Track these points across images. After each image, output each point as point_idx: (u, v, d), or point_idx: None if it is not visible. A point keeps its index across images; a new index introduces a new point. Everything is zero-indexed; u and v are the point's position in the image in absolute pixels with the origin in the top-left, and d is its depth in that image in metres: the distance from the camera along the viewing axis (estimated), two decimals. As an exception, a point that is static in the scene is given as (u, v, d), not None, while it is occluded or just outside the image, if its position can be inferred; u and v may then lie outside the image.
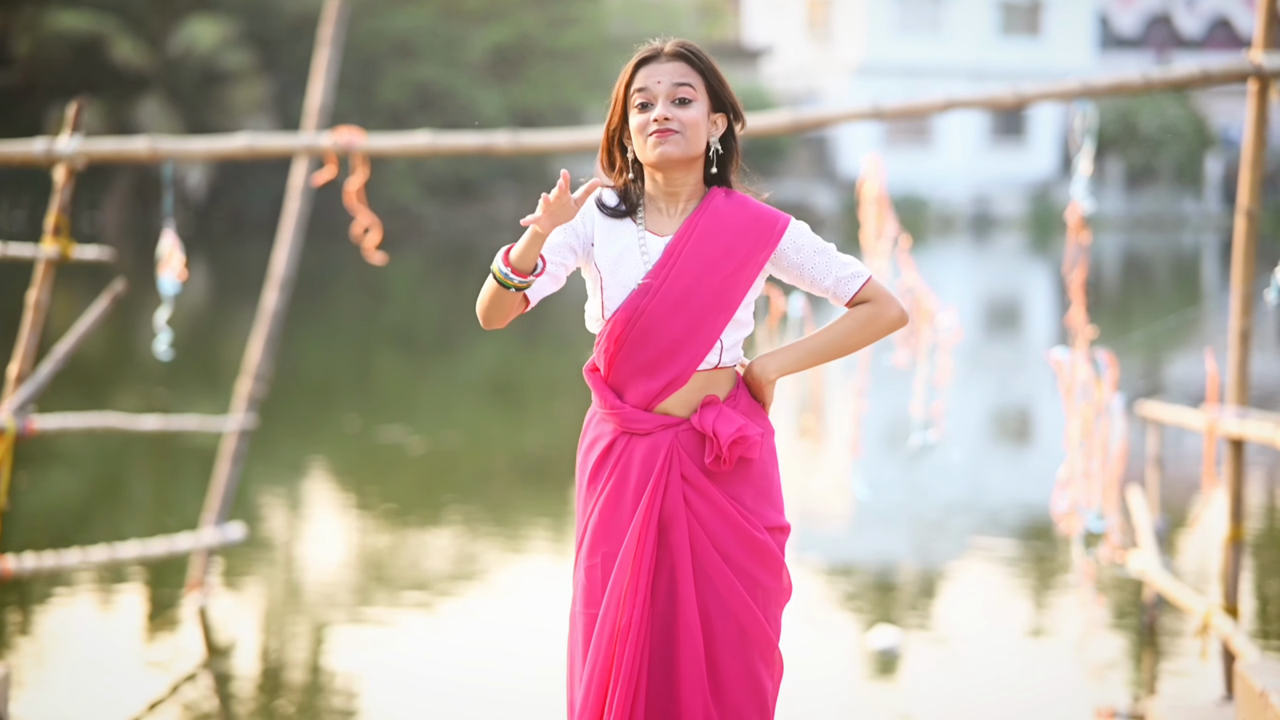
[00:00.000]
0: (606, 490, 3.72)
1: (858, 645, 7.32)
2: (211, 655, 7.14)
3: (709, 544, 3.68)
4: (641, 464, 3.69)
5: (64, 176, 6.88)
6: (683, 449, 3.70)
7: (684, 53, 3.75)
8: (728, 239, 3.71)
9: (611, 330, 3.70)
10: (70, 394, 12.68)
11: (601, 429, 3.76)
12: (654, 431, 3.70)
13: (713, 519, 3.69)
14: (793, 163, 45.97)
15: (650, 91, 3.71)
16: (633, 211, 3.76)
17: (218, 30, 36.90)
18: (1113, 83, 6.23)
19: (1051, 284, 28.47)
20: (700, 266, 3.68)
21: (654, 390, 3.70)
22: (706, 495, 3.69)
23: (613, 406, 3.72)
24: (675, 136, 3.67)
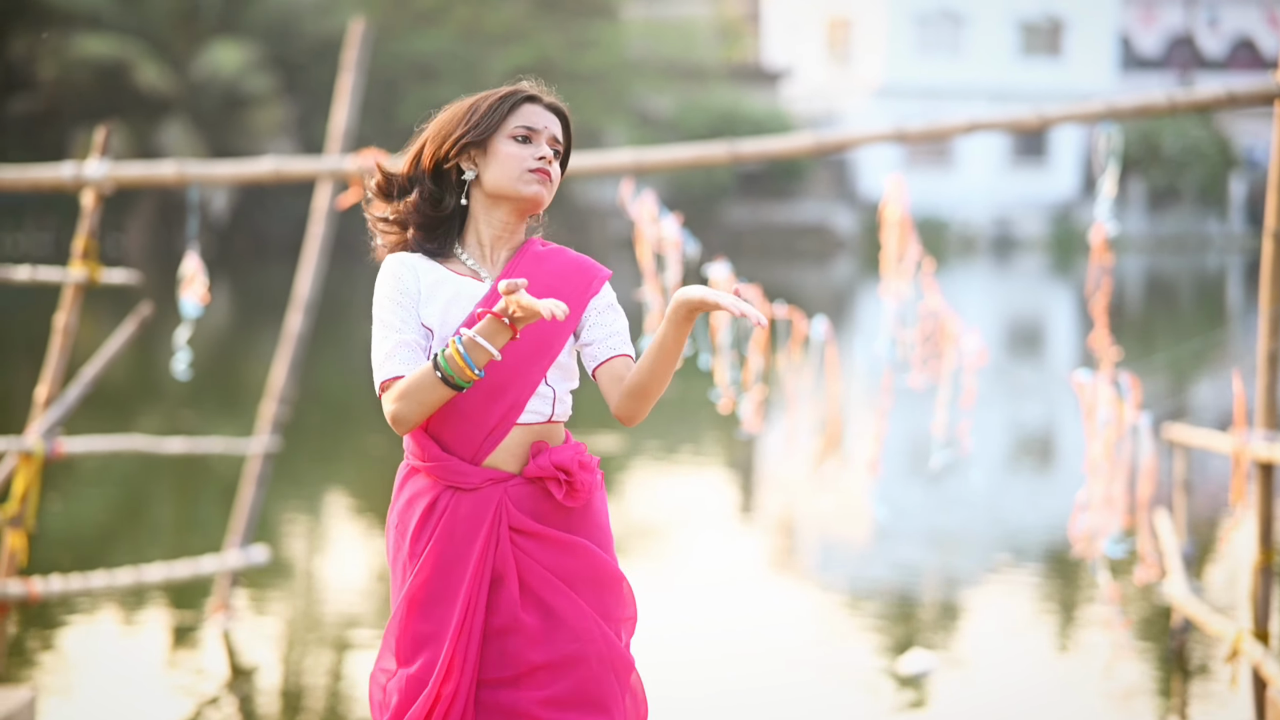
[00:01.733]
0: (428, 552, 3.53)
1: (879, 668, 7.29)
2: (235, 677, 7.14)
3: (549, 577, 3.53)
4: (468, 521, 3.52)
5: (92, 201, 6.90)
6: (512, 503, 3.53)
7: (564, 115, 3.70)
8: (549, 280, 3.59)
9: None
10: (94, 416, 12.70)
11: (419, 485, 3.58)
12: (481, 486, 3.53)
13: (551, 559, 3.54)
14: (812, 184, 45.96)
15: (536, 131, 3.62)
16: (443, 256, 3.63)
17: (240, 54, 37.03)
18: (1138, 104, 6.22)
19: (1073, 306, 28.42)
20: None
21: (478, 439, 3.53)
22: (543, 539, 3.54)
23: (434, 458, 3.54)
24: (550, 183, 3.62)
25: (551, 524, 3.56)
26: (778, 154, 6.77)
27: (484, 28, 41.12)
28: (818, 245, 44.16)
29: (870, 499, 9.16)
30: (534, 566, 3.53)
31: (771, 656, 7.54)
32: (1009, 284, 35.88)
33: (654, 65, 43.69)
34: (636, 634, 3.73)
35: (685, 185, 39.76)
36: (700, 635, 7.91)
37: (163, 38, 37.81)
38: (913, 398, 9.05)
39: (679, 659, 7.38)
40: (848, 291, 32.43)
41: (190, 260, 7.23)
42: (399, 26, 39.45)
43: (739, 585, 9.04)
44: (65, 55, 36.90)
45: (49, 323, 6.94)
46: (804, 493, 11.73)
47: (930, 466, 7.78)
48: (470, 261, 3.63)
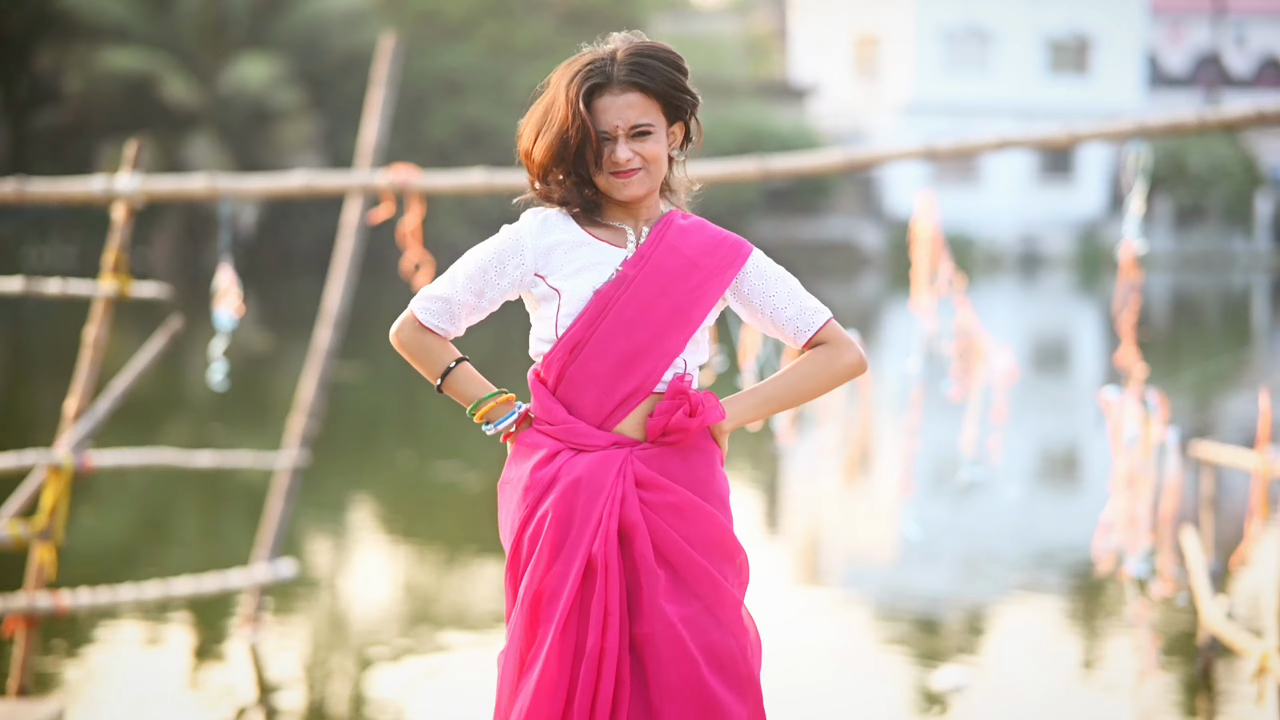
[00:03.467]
0: (546, 507, 3.52)
1: (905, 684, 7.28)
2: (263, 692, 7.15)
3: (679, 542, 3.54)
4: (591, 476, 3.52)
5: (123, 215, 6.93)
6: (640, 461, 3.55)
7: (637, 81, 3.58)
8: (691, 254, 3.62)
9: (567, 340, 3.56)
10: (121, 430, 12.73)
11: (535, 440, 3.60)
12: (606, 448, 3.55)
13: (678, 519, 3.55)
14: (839, 200, 45.95)
15: (608, 132, 3.57)
16: (588, 217, 3.65)
17: (268, 68, 37.15)
18: (1168, 122, 6.21)
19: (1100, 323, 28.36)
20: (663, 280, 3.58)
21: (609, 406, 3.56)
22: (669, 494, 3.55)
23: (560, 421, 3.56)
24: (639, 174, 3.58)
25: (680, 482, 3.58)
26: (809, 170, 6.78)
27: (512, 43, 41.22)
28: (844, 262, 44.13)
29: (900, 517, 9.14)
30: (659, 523, 3.54)
31: (798, 672, 7.52)
32: (1035, 301, 35.81)
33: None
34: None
35: (711, 201, 39.53)
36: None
37: (190, 51, 37.96)
38: (941, 415, 9.04)
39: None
40: (874, 308, 32.39)
41: (224, 273, 7.24)
42: (427, 41, 39.56)
43: (766, 601, 9.04)
44: (92, 68, 37.06)
45: (76, 336, 6.97)
46: (832, 508, 11.71)
47: (958, 483, 7.77)
48: (605, 229, 3.65)
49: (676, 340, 3.57)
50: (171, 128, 36.83)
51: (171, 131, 36.69)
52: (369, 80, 8.31)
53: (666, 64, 3.63)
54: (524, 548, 3.57)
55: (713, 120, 43.57)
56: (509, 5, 41.97)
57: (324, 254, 30.69)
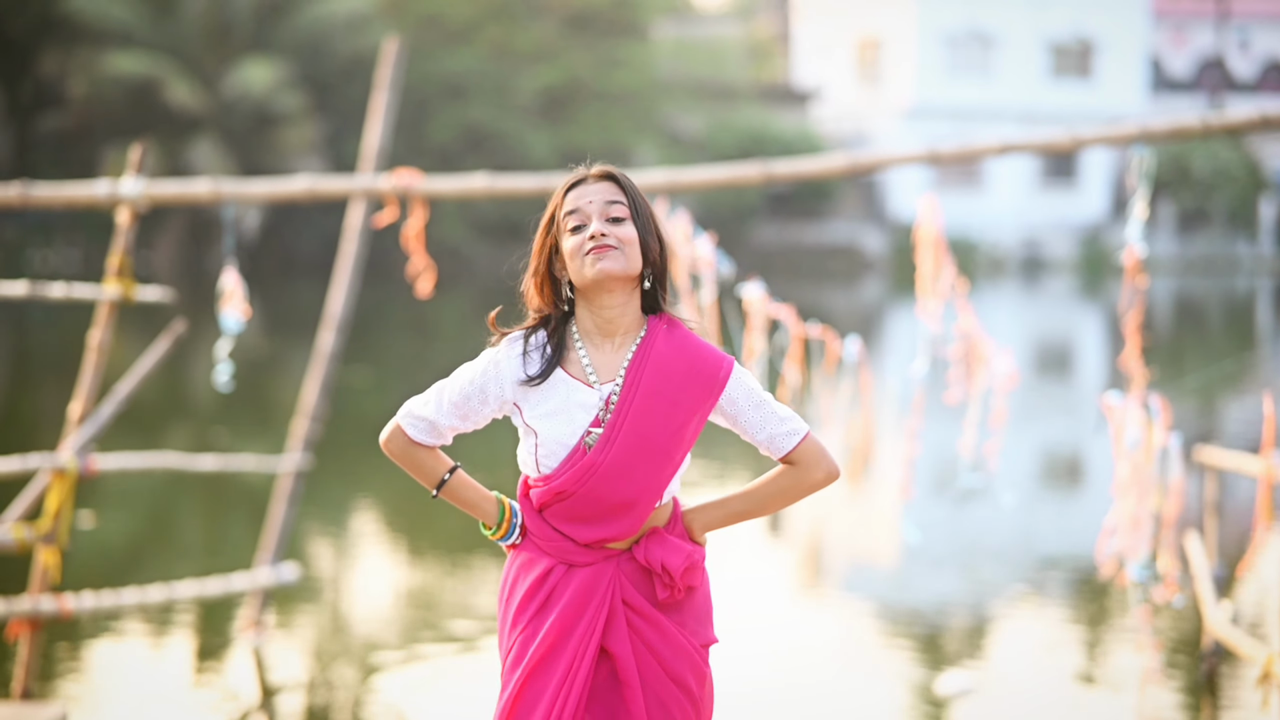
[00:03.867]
0: (546, 619, 3.61)
1: (907, 689, 7.28)
2: (266, 695, 7.15)
3: (659, 669, 3.61)
4: (582, 592, 3.60)
5: (127, 218, 6.94)
6: (625, 578, 3.62)
7: (612, 174, 3.64)
8: (672, 392, 3.60)
9: (554, 492, 3.60)
10: (123, 433, 12.74)
11: (530, 557, 3.67)
12: (595, 563, 3.62)
13: (660, 644, 3.62)
14: (841, 204, 45.96)
15: (583, 212, 3.60)
16: (560, 359, 3.65)
17: (271, 72, 37.17)
18: (1171, 126, 6.22)
19: (1102, 327, 28.36)
20: (647, 429, 3.57)
21: (596, 538, 3.61)
22: (652, 621, 3.62)
23: (549, 539, 3.64)
24: (614, 252, 3.56)
25: (659, 606, 3.66)
26: (812, 174, 6.78)
27: (514, 47, 41.24)
28: (846, 266, 44.15)
29: (901, 521, 9.14)
30: (639, 645, 3.62)
31: (800, 677, 7.52)
32: (1038, 305, 35.81)
33: (684, 85, 43.77)
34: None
35: (714, 205, 39.77)
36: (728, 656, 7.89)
37: (193, 55, 37.99)
38: (943, 418, 9.04)
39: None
40: (877, 312, 32.40)
41: (229, 276, 7.25)
42: (429, 45, 39.57)
43: (768, 605, 9.03)
44: (96, 72, 37.10)
45: (80, 339, 6.98)
46: (834, 512, 11.71)
47: (959, 489, 7.77)
48: (585, 359, 3.64)
49: (663, 479, 3.61)
50: (175, 131, 36.86)
51: (175, 135, 36.72)
52: (371, 84, 8.32)
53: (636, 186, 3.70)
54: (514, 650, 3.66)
55: (715, 124, 43.61)
56: (511, 9, 42.00)
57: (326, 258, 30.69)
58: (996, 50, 50.77)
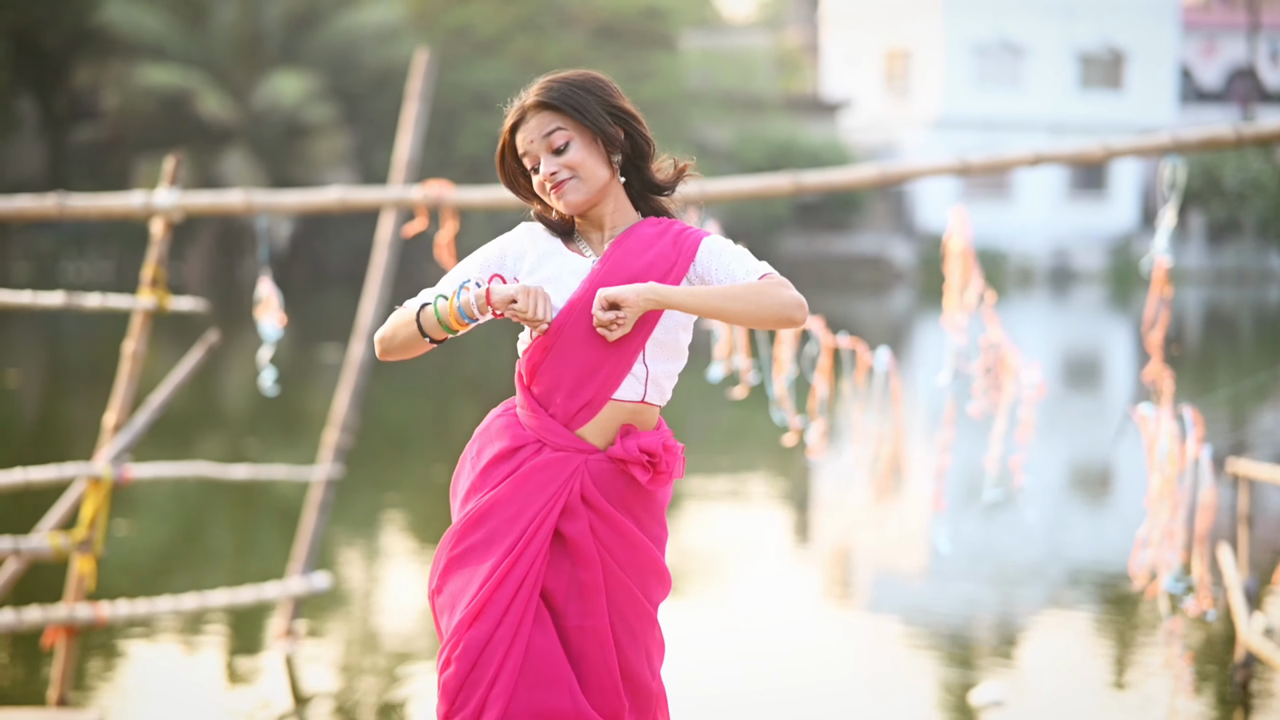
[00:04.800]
0: (494, 492, 3.73)
1: (936, 701, 7.28)
2: (298, 703, 7.18)
3: (614, 566, 3.72)
4: (544, 470, 3.72)
5: (162, 229, 6.99)
6: (590, 475, 3.72)
7: (544, 100, 3.73)
8: (647, 257, 3.73)
9: (532, 352, 3.76)
10: (155, 443, 12.81)
11: (508, 425, 3.79)
12: (565, 449, 3.73)
13: (618, 545, 3.73)
14: (869, 215, 45.94)
15: (531, 154, 3.76)
16: (569, 234, 3.84)
17: (301, 84, 37.32)
18: (1204, 136, 6.22)
19: (1132, 338, 28.28)
20: (619, 285, 3.69)
21: (573, 408, 3.73)
22: (611, 521, 3.72)
23: (534, 411, 3.75)
24: (571, 183, 3.72)
25: (620, 506, 3.74)
26: (842, 185, 6.80)
27: (543, 58, 41.31)
28: (874, 276, 44.11)
29: (932, 532, 9.13)
30: (603, 552, 3.73)
31: (829, 688, 7.53)
32: (1067, 316, 35.73)
33: (712, 96, 43.78)
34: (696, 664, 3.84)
35: (743, 216, 39.79)
36: (758, 666, 7.91)
37: (225, 68, 38.16)
38: (971, 430, 9.04)
39: (736, 689, 7.39)
40: (905, 323, 32.37)
41: (264, 285, 7.29)
42: (459, 57, 39.69)
43: (796, 616, 9.04)
44: (129, 85, 37.30)
45: (113, 349, 7.03)
46: (862, 523, 11.71)
47: (984, 501, 7.76)
48: (582, 240, 3.82)
49: (631, 349, 3.71)
50: (206, 143, 37.03)
51: (206, 147, 36.89)
52: (400, 95, 8.36)
53: (574, 83, 3.76)
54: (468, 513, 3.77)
55: (744, 135, 43.63)
56: (540, 20, 42.09)
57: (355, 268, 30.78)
58: (1026, 61, 50.69)
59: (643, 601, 3.76)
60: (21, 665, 7.61)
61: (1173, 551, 6.43)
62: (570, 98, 3.72)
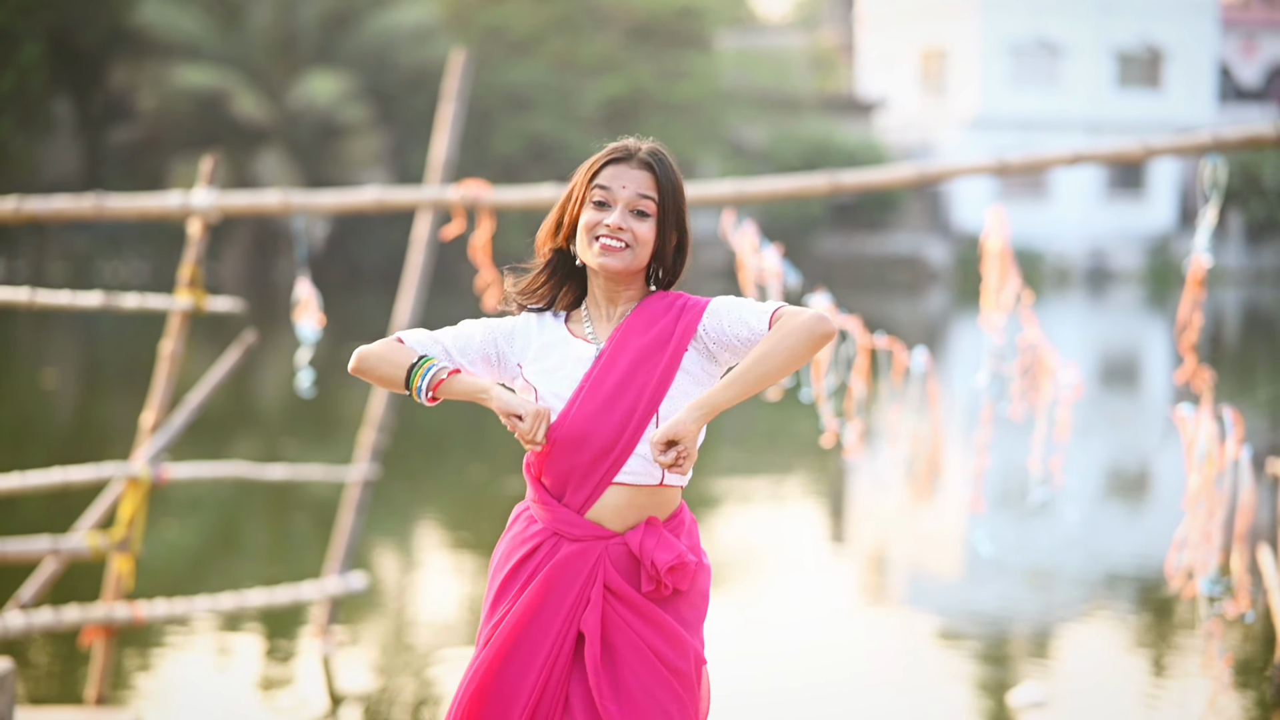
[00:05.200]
0: (528, 591, 3.62)
1: (976, 701, 7.25)
2: (334, 703, 7.19)
3: (641, 645, 3.58)
4: (566, 568, 3.61)
5: (199, 229, 7.00)
6: (610, 562, 3.61)
7: (654, 164, 3.67)
8: (654, 333, 3.64)
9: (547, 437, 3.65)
10: (191, 442, 12.85)
11: (530, 526, 3.69)
12: (583, 539, 3.62)
13: (642, 625, 3.59)
14: (905, 215, 45.81)
15: (612, 193, 3.65)
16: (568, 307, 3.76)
17: (336, 85, 37.39)
18: (1245, 135, 6.17)
19: (1169, 339, 28.13)
20: (624, 368, 3.61)
21: (584, 492, 3.62)
22: (635, 605, 3.60)
23: (546, 503, 3.65)
24: (624, 252, 3.62)
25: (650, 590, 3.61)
26: (880, 185, 6.77)
27: (578, 58, 41.32)
28: (910, 277, 44.00)
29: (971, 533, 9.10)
30: (622, 628, 3.59)
31: (866, 690, 7.51)
32: (1104, 316, 35.59)
33: (747, 96, 43.71)
34: (733, 660, 3.78)
35: (778, 216, 39.73)
36: (795, 666, 7.89)
37: (260, 68, 38.26)
38: (1008, 431, 9.00)
39: (773, 686, 7.37)
40: (941, 323, 32.28)
41: (302, 286, 7.30)
42: (493, 57, 39.71)
43: (833, 615, 9.02)
44: (165, 85, 37.42)
45: (149, 349, 7.04)
46: (899, 524, 11.68)
47: (1028, 503, 7.72)
48: (588, 323, 3.72)
49: (634, 430, 3.60)
50: (242, 144, 37.13)
51: (242, 147, 36.99)
52: (436, 95, 8.37)
53: (679, 177, 3.71)
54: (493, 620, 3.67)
55: (779, 135, 43.56)
56: (575, 20, 42.08)
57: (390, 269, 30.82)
58: (1063, 60, 50.49)
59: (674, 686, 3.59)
60: (60, 664, 7.64)
61: (1210, 553, 6.39)
62: (674, 185, 3.68)
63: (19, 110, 35.11)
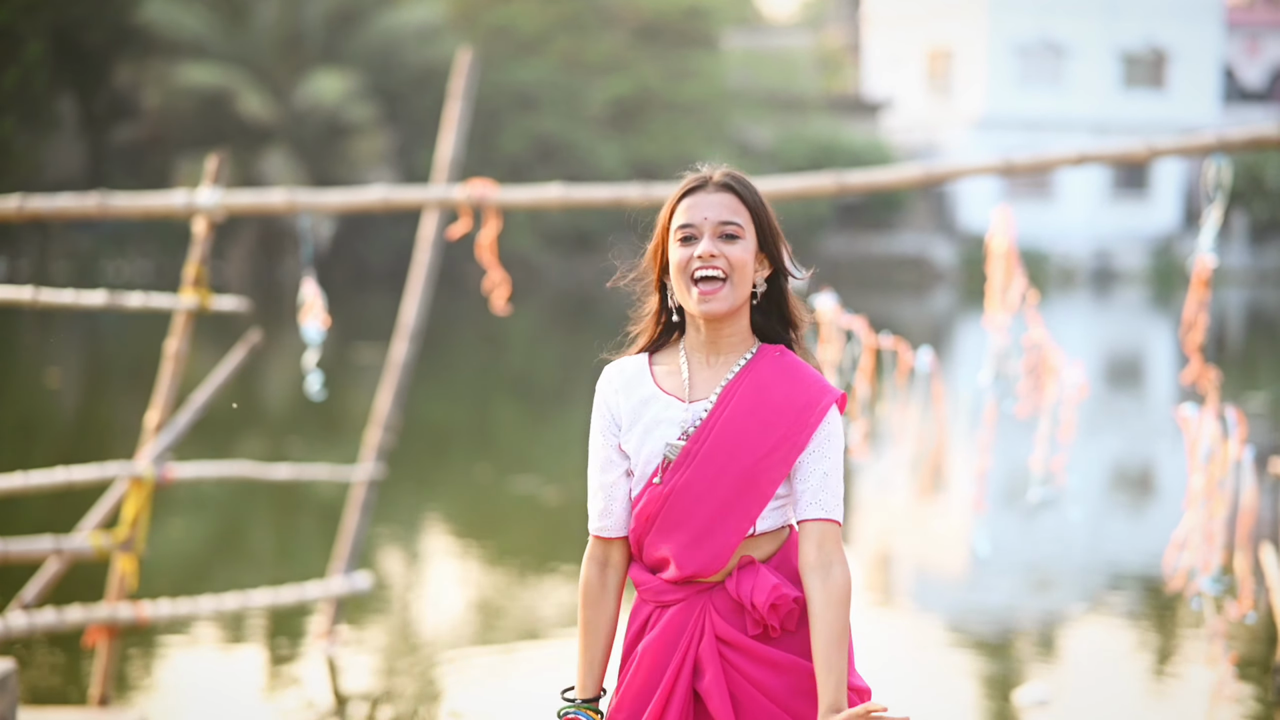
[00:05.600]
0: (638, 661, 3.44)
1: (979, 699, 7.25)
2: (340, 703, 7.19)
3: (760, 698, 3.39)
4: (671, 629, 3.42)
5: (204, 228, 7.00)
6: (716, 612, 3.41)
7: (732, 184, 3.43)
8: (766, 414, 3.39)
9: (641, 515, 3.43)
10: (196, 442, 12.85)
11: (637, 607, 3.51)
12: (686, 598, 3.42)
13: (757, 671, 3.40)
14: (911, 215, 45.80)
15: (695, 226, 3.39)
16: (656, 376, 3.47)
17: (342, 83, 37.40)
18: (1250, 136, 6.17)
19: (1174, 339, 28.12)
20: (733, 446, 3.37)
21: (687, 572, 3.40)
22: (748, 651, 3.40)
23: (643, 582, 3.47)
24: (723, 286, 3.36)
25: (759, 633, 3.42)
26: (885, 185, 6.77)
27: (584, 58, 41.33)
28: (916, 277, 43.98)
29: (972, 533, 9.09)
30: (739, 680, 3.41)
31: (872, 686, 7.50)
32: (1109, 317, 35.58)
33: (753, 96, 43.72)
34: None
35: (784, 215, 39.12)
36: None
37: (265, 67, 38.27)
38: (1012, 430, 9.00)
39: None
40: (947, 323, 32.27)
41: (308, 287, 7.30)
42: (500, 56, 39.71)
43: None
44: (169, 84, 37.43)
45: (153, 349, 7.04)
46: (904, 523, 11.68)
47: (1028, 501, 7.72)
48: (685, 374, 3.46)
49: (751, 508, 3.39)
50: (247, 143, 37.14)
51: (247, 146, 37.00)
52: (442, 95, 8.37)
53: (760, 194, 3.49)
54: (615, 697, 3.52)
55: (785, 135, 43.56)
56: (582, 20, 42.09)
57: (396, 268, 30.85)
58: (1068, 60, 50.47)
59: None
60: (63, 664, 7.64)
61: (1213, 552, 6.39)
62: (758, 201, 3.45)
63: (22, 108, 35.12)
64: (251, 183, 34.58)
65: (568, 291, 36.64)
